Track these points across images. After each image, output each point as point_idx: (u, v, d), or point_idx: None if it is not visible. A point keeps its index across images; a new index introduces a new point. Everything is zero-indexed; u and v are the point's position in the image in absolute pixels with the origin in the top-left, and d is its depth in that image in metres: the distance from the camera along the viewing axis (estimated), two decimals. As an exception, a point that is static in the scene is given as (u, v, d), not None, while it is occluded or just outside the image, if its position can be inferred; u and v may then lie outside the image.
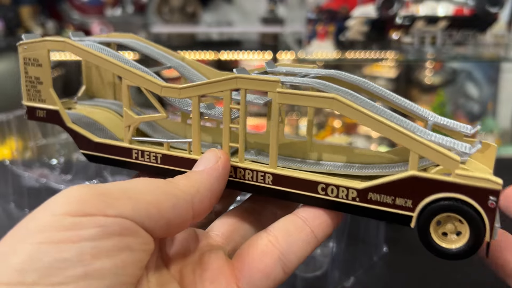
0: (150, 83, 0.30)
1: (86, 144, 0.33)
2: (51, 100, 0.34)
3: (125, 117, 0.32)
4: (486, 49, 1.48)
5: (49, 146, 0.74)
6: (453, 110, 1.81)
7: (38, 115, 0.34)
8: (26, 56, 0.33)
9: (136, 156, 0.32)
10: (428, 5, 1.50)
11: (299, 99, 0.26)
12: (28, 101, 0.34)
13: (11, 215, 0.63)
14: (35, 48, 0.33)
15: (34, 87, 0.34)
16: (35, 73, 0.34)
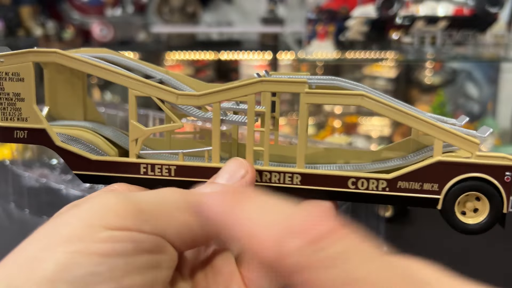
0: (164, 92, 0.28)
1: (82, 164, 0.29)
2: (35, 118, 0.29)
3: (132, 129, 0.29)
4: (486, 49, 1.48)
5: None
6: (453, 110, 1.81)
7: (16, 136, 0.30)
8: (3, 70, 0.29)
9: (144, 171, 0.29)
10: (428, 5, 1.50)
11: (327, 98, 0.27)
12: (3, 121, 0.30)
13: (11, 215, 0.63)
14: (16, 60, 0.29)
15: (12, 104, 0.29)
16: (14, 89, 0.29)
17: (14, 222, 0.62)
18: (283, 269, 0.16)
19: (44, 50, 0.29)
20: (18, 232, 0.60)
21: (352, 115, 1.83)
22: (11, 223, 0.62)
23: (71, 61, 0.29)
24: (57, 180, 0.65)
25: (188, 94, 0.28)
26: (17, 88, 0.29)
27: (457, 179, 0.26)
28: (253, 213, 0.18)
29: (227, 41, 1.86)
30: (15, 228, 0.61)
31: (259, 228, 0.18)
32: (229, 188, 0.23)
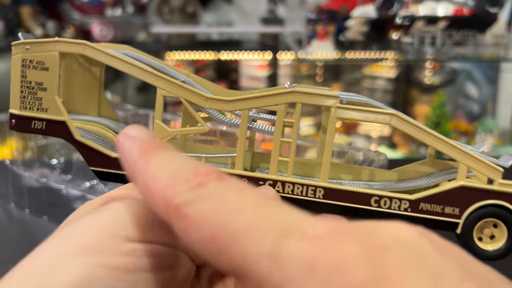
0: (194, 95, 0.28)
1: (101, 161, 0.29)
2: (56, 109, 0.29)
3: (157, 130, 0.29)
4: (486, 49, 1.48)
5: (49, 146, 0.74)
6: (452, 110, 1.81)
7: (34, 127, 0.29)
8: (27, 58, 0.28)
9: None
10: (428, 5, 1.50)
11: (358, 114, 0.27)
12: (22, 109, 0.29)
13: (11, 215, 0.63)
14: (43, 49, 0.28)
15: (33, 93, 0.29)
16: (37, 78, 0.28)
17: (14, 222, 0.62)
18: (169, 213, 0.17)
19: (73, 40, 0.29)
20: (18, 232, 0.60)
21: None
22: (11, 223, 0.62)
23: (99, 55, 0.28)
24: (57, 180, 0.65)
25: (218, 99, 0.28)
26: (40, 77, 0.28)
27: (479, 205, 0.27)
28: (156, 164, 0.18)
29: (227, 41, 1.86)
30: (15, 228, 0.61)
31: (157, 179, 0.17)
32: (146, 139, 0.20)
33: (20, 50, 0.28)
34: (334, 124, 0.27)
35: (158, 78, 0.28)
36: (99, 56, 0.28)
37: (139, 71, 0.28)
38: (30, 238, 0.58)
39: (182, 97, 0.28)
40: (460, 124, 1.73)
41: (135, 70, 0.28)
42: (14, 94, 0.29)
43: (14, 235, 0.60)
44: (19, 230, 0.61)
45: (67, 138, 0.29)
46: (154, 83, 0.28)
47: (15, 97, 0.29)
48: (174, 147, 0.20)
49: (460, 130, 1.71)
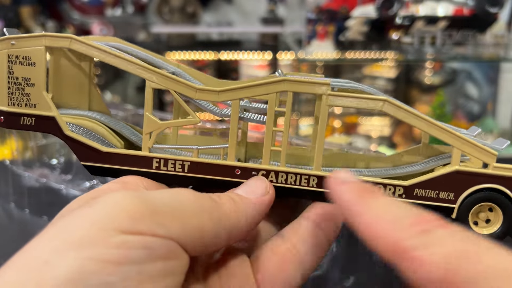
0: (183, 86, 0.27)
1: (91, 155, 0.28)
2: (45, 105, 0.28)
3: (147, 122, 0.28)
4: (486, 49, 1.48)
5: (49, 146, 0.74)
6: (453, 110, 1.81)
7: (23, 123, 0.28)
8: (13, 53, 0.28)
9: (157, 165, 0.28)
10: (428, 5, 1.50)
11: (349, 101, 0.27)
12: (10, 106, 0.28)
13: (11, 215, 0.63)
14: (29, 44, 0.28)
15: (21, 89, 0.28)
16: (24, 73, 0.28)
17: (14, 222, 0.62)
18: (397, 254, 0.19)
19: (59, 35, 0.28)
20: (18, 232, 0.60)
21: (352, 115, 1.83)
22: (11, 223, 0.62)
23: (86, 48, 0.28)
24: (57, 180, 0.65)
25: (208, 89, 0.27)
26: (27, 72, 0.28)
27: (474, 189, 0.26)
28: (376, 208, 0.20)
29: (227, 41, 1.86)
30: (15, 228, 0.61)
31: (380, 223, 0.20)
32: (359, 183, 0.22)
33: (5, 45, 0.28)
34: (326, 112, 0.27)
35: (146, 70, 0.28)
36: (86, 49, 0.28)
37: (126, 63, 0.28)
38: (30, 238, 0.58)
39: (171, 88, 0.28)
40: (460, 124, 1.73)
41: (122, 63, 0.28)
42: (1, 90, 0.28)
43: (14, 235, 0.59)
44: (19, 230, 0.61)
45: (57, 133, 0.28)
46: (141, 75, 0.28)
47: (2, 94, 0.28)
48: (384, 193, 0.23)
49: (460, 130, 1.70)
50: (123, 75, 1.85)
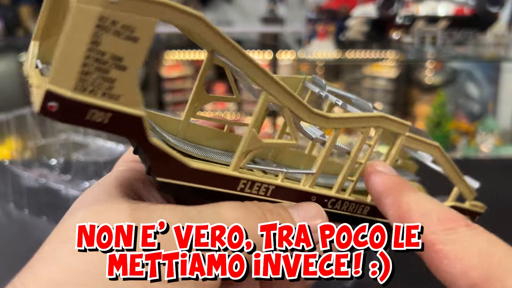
0: (300, 106, 0.24)
1: (174, 171, 0.22)
2: (133, 99, 0.20)
3: (249, 139, 0.24)
4: (487, 49, 1.48)
5: (48, 146, 0.74)
6: (453, 110, 1.81)
7: (90, 118, 0.19)
8: (109, 17, 0.18)
9: (242, 187, 0.24)
10: (428, 4, 1.50)
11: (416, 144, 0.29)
12: (77, 90, 0.19)
13: (10, 215, 0.63)
14: (139, 9, 0.19)
15: (104, 71, 0.19)
16: (116, 49, 0.19)
17: (13, 222, 0.62)
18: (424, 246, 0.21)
19: (184, 8, 0.20)
20: (17, 232, 0.60)
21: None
22: (10, 223, 0.62)
23: (214, 37, 0.22)
24: (57, 180, 0.65)
25: (322, 115, 0.25)
26: (122, 49, 0.19)
27: None
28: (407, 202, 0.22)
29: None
30: (14, 228, 0.61)
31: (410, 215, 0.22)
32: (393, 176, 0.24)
33: (102, 2, 0.18)
34: (399, 152, 0.28)
35: (270, 80, 0.23)
36: (214, 38, 0.21)
37: (253, 67, 0.23)
38: (29, 238, 0.58)
39: (287, 106, 0.24)
40: (461, 124, 1.73)
41: (249, 65, 0.23)
42: (66, 64, 0.18)
43: (14, 235, 0.59)
44: (18, 230, 0.60)
45: (137, 139, 0.21)
46: (262, 83, 0.23)
47: (69, 70, 0.18)
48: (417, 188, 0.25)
49: (460, 130, 1.70)
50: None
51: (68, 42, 0.18)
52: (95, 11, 0.18)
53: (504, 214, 0.55)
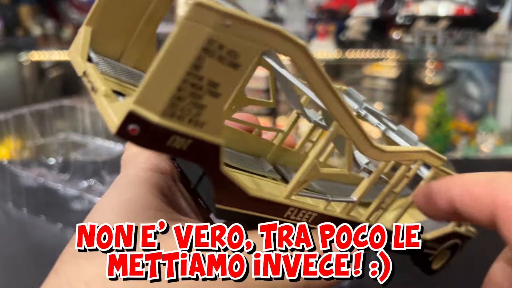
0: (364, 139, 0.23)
1: (234, 198, 0.21)
2: (216, 126, 0.18)
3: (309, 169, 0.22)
4: (487, 48, 1.47)
5: (47, 145, 0.74)
6: (453, 110, 1.81)
7: (170, 145, 0.17)
8: (218, 40, 0.16)
9: (289, 214, 0.23)
10: (428, 4, 1.50)
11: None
12: (166, 116, 0.17)
13: (9, 214, 0.63)
14: (247, 35, 0.17)
15: (197, 96, 0.17)
16: (215, 75, 0.17)
17: (12, 221, 0.62)
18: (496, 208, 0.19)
19: (295, 39, 0.18)
20: (16, 231, 0.60)
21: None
22: (9, 222, 0.62)
23: (312, 69, 0.19)
24: (55, 179, 0.64)
25: (379, 148, 0.24)
26: (220, 75, 0.17)
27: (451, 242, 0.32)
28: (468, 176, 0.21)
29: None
30: (13, 227, 0.61)
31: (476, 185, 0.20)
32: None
33: (211, 21, 0.16)
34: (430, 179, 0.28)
35: (345, 113, 0.21)
36: (310, 69, 0.19)
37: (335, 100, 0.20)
38: (28, 237, 0.58)
39: (353, 138, 0.22)
40: (461, 124, 1.73)
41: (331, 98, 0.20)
42: (159, 85, 0.16)
43: (12, 235, 0.59)
44: (16, 229, 0.60)
45: (209, 167, 0.19)
46: (338, 115, 0.21)
47: (159, 92, 0.16)
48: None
49: (461, 130, 1.70)
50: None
51: (167, 61, 0.16)
52: (205, 32, 0.16)
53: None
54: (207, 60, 0.16)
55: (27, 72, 1.73)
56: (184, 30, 0.15)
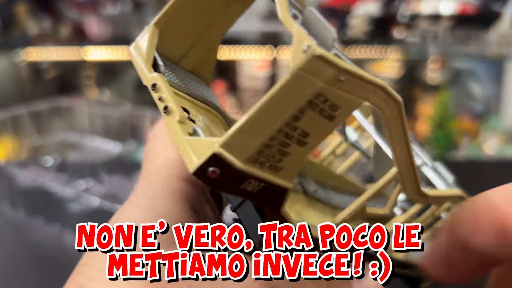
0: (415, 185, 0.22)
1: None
2: (291, 172, 0.18)
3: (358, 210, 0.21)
4: (490, 47, 1.47)
5: (44, 146, 0.73)
6: (456, 110, 1.80)
7: (244, 187, 0.17)
8: (326, 95, 0.15)
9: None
10: (431, 3, 1.49)
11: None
12: (250, 162, 0.16)
13: (6, 215, 0.62)
14: (354, 89, 0.16)
15: (285, 145, 0.16)
16: (309, 126, 0.16)
17: (9, 222, 0.61)
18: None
19: (395, 96, 0.18)
20: (13, 232, 0.60)
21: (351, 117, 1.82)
22: (6, 223, 0.61)
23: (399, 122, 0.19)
24: (53, 180, 0.64)
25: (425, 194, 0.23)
26: (314, 126, 0.16)
27: None
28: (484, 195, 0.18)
29: (226, 39, 1.85)
30: (10, 228, 0.61)
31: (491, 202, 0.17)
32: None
33: (326, 75, 0.15)
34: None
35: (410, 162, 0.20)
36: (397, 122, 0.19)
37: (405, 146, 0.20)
38: (25, 238, 0.57)
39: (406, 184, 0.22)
40: (464, 124, 1.72)
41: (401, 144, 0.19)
42: (252, 132, 0.16)
43: (9, 235, 0.59)
44: (14, 230, 0.60)
45: (271, 206, 0.19)
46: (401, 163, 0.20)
47: (251, 138, 0.16)
48: None
49: (463, 129, 1.70)
50: (120, 73, 1.84)
51: (268, 109, 0.15)
52: (317, 86, 0.15)
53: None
54: (308, 112, 0.15)
55: (23, 72, 1.73)
56: (295, 81, 0.14)
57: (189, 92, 0.20)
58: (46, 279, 0.47)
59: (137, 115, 0.74)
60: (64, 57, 1.62)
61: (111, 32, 1.69)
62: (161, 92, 0.18)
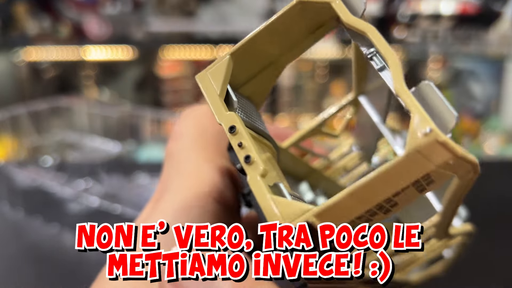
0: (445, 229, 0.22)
1: None
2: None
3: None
4: (490, 47, 1.47)
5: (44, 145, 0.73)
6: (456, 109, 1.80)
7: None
8: (432, 175, 0.15)
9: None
10: (431, 3, 1.49)
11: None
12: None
13: (5, 215, 0.62)
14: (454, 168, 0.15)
15: (373, 214, 0.17)
16: (401, 198, 0.16)
17: (8, 222, 0.61)
18: None
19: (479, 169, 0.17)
20: (12, 232, 0.60)
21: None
22: (5, 223, 0.61)
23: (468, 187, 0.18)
24: (52, 180, 0.64)
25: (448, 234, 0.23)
26: (405, 197, 0.16)
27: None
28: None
29: (225, 38, 1.84)
30: (9, 228, 0.61)
31: None
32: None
33: (440, 160, 0.14)
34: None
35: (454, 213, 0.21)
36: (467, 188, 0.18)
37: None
38: (24, 238, 0.57)
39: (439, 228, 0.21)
40: (464, 124, 1.72)
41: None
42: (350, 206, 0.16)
43: (8, 235, 0.59)
44: (13, 230, 0.60)
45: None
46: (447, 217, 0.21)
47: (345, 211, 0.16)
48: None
49: (464, 129, 1.69)
50: (120, 73, 1.84)
51: (373, 185, 0.15)
52: (429, 168, 0.14)
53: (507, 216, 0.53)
54: (409, 189, 0.15)
55: (23, 71, 1.72)
56: (410, 161, 0.14)
57: (253, 127, 0.19)
58: (45, 279, 0.47)
59: (137, 115, 0.74)
60: (63, 57, 1.62)
61: (111, 32, 1.68)
62: (241, 138, 0.17)
